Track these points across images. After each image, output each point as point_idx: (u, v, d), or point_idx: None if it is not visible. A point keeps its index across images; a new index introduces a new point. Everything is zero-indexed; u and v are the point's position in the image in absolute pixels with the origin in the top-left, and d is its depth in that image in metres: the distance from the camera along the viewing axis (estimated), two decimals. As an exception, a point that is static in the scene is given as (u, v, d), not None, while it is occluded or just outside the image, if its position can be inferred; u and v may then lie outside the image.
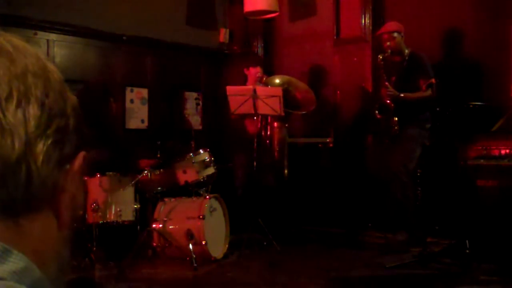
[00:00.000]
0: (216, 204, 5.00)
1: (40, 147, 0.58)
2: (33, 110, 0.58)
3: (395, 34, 5.17)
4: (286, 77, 5.89)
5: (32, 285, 0.55)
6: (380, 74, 5.23)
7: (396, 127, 5.10)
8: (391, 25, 5.29)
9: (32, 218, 0.59)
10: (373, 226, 5.60)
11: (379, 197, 5.45)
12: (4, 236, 0.56)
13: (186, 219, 4.70)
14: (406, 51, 5.21)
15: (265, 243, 5.16)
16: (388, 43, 5.18)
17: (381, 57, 5.17)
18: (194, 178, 4.93)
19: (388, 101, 5.10)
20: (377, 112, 5.19)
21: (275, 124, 5.69)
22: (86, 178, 4.71)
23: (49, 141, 0.59)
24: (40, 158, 0.58)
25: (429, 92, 5.02)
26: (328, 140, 6.29)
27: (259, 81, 5.67)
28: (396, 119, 5.08)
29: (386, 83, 5.13)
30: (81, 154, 0.65)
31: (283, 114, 5.28)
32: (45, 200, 0.60)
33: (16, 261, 0.55)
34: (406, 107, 5.06)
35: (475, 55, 5.40)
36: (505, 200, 4.24)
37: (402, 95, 5.06)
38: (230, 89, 5.33)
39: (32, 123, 0.58)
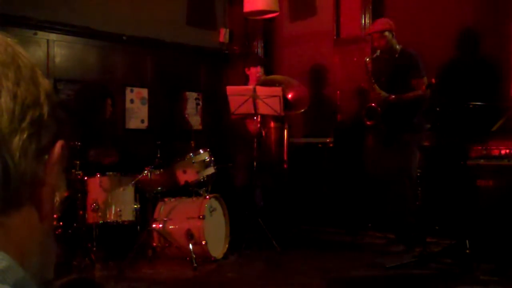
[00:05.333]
0: (216, 204, 4.99)
1: (16, 142, 0.55)
2: (5, 104, 0.54)
3: (386, 33, 5.00)
4: (278, 77, 5.86)
5: (15, 284, 0.53)
6: (368, 77, 5.06)
7: (385, 132, 4.98)
8: (381, 24, 5.11)
9: (13, 215, 0.56)
10: (373, 226, 5.60)
11: (379, 197, 5.44)
12: None
13: (186, 219, 4.70)
14: (398, 47, 5.05)
15: (265, 243, 5.16)
16: (377, 43, 5.04)
17: (367, 59, 5.05)
18: (194, 178, 4.92)
19: (373, 105, 4.95)
20: (365, 118, 5.04)
21: (272, 124, 5.67)
22: (86, 178, 4.71)
23: (25, 135, 0.56)
24: (17, 153, 0.55)
25: (424, 91, 4.80)
26: (328, 140, 6.28)
27: (259, 80, 5.66)
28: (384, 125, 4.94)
29: (374, 86, 4.98)
30: (59, 143, 0.61)
31: (283, 114, 5.28)
32: (25, 195, 0.57)
33: None
34: (397, 112, 4.90)
35: (475, 54, 5.40)
36: (505, 200, 4.24)
37: (393, 96, 4.89)
38: (230, 89, 5.32)
39: (5, 118, 0.54)
